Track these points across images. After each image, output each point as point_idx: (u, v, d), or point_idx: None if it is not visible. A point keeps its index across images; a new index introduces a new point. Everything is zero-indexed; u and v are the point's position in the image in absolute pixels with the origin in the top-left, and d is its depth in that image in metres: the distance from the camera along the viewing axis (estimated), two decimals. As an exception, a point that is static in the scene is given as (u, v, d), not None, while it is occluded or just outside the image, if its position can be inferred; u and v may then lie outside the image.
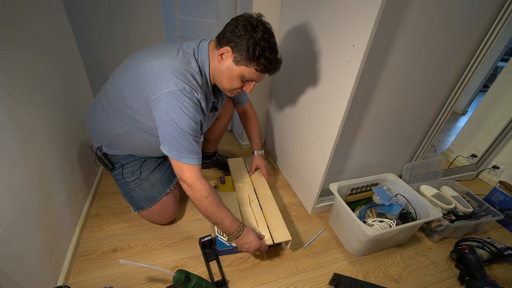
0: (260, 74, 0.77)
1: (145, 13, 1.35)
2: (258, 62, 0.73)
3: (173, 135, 0.73)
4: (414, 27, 0.83)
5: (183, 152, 0.75)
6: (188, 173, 0.78)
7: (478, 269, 0.92)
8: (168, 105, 0.71)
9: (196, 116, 0.75)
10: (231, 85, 0.80)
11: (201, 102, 0.77)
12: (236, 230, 0.84)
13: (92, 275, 0.86)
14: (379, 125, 1.09)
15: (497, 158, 1.51)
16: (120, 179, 0.97)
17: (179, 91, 0.70)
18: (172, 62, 0.73)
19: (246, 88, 0.82)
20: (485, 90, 1.73)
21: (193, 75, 0.74)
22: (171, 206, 1.01)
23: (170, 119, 0.71)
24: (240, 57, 0.73)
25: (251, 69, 0.75)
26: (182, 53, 0.76)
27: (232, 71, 0.76)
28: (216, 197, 0.82)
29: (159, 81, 0.71)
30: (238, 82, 0.79)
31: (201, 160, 0.80)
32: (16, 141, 0.66)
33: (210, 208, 0.80)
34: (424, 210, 1.04)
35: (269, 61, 0.74)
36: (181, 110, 0.71)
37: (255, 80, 0.80)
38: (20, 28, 0.73)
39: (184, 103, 0.71)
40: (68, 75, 1.02)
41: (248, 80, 0.80)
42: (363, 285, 0.86)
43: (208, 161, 1.39)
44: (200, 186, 0.79)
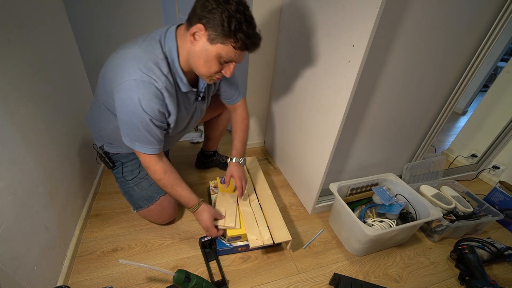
0: (239, 52, 0.69)
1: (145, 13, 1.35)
2: (235, 37, 0.65)
3: (128, 125, 0.73)
4: (414, 27, 0.83)
5: (136, 141, 0.76)
6: (143, 158, 0.81)
7: (478, 269, 0.92)
8: (124, 95, 0.69)
9: (153, 107, 0.71)
10: (209, 69, 0.72)
11: (164, 92, 0.72)
12: (191, 207, 0.90)
13: (92, 275, 0.86)
14: (379, 125, 1.09)
15: (497, 158, 1.51)
16: (120, 177, 0.97)
17: (135, 81, 0.67)
18: (134, 51, 0.70)
19: (225, 71, 0.74)
20: (485, 90, 1.74)
21: (156, 63, 0.70)
22: (170, 206, 1.01)
23: (125, 110, 0.70)
24: (215, 34, 0.65)
25: (229, 46, 0.67)
26: (147, 41, 0.72)
27: (208, 52, 0.68)
28: (171, 179, 0.85)
29: (119, 71, 0.69)
30: (216, 65, 0.71)
31: (160, 149, 0.81)
32: (16, 141, 0.66)
33: (165, 188, 0.87)
34: (424, 210, 1.04)
35: (247, 36, 0.66)
36: (135, 101, 0.68)
37: (234, 60, 0.72)
38: (20, 28, 0.73)
39: (139, 94, 0.68)
40: (68, 75, 1.02)
41: (226, 61, 0.72)
42: (363, 285, 0.86)
43: (208, 160, 1.39)
44: (153, 169, 0.82)
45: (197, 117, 0.96)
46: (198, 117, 0.97)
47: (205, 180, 1.33)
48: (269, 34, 1.25)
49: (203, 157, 1.38)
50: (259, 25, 1.19)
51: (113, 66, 0.71)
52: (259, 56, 1.30)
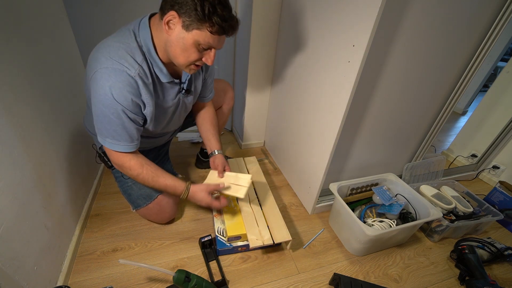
0: (217, 36, 0.66)
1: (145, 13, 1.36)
2: (211, 21, 0.62)
3: (99, 117, 0.70)
4: (414, 27, 0.83)
5: (107, 136, 0.73)
6: (114, 156, 0.76)
7: (478, 269, 0.92)
8: (95, 85, 0.67)
9: (126, 95, 0.68)
10: (187, 58, 0.69)
11: (137, 79, 0.69)
12: (181, 194, 0.87)
13: (92, 275, 0.86)
14: (379, 125, 1.09)
15: (497, 158, 1.51)
16: (119, 176, 0.97)
17: (106, 69, 0.65)
18: (107, 42, 0.69)
19: (206, 59, 0.71)
20: (485, 90, 1.73)
21: (129, 52, 0.68)
22: (169, 205, 1.01)
23: (97, 100, 0.68)
24: (189, 19, 0.63)
25: (205, 31, 0.64)
26: (121, 32, 0.71)
27: (185, 40, 0.66)
28: (149, 170, 0.81)
29: (93, 62, 0.68)
30: (195, 53, 0.68)
31: (134, 147, 0.78)
32: (16, 141, 0.66)
33: (147, 183, 0.83)
34: (424, 210, 1.04)
35: (223, 19, 0.63)
36: (106, 90, 0.66)
37: (214, 46, 0.68)
38: (20, 29, 0.73)
39: (110, 82, 0.65)
40: (68, 75, 1.02)
41: (205, 48, 0.68)
42: (363, 285, 0.86)
43: (207, 159, 1.39)
44: (128, 166, 0.78)
45: (181, 111, 0.93)
46: (183, 112, 0.95)
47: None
48: (269, 34, 1.25)
49: (202, 156, 1.38)
50: (259, 25, 1.20)
51: (90, 60, 0.70)
52: (259, 56, 1.30)
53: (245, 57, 1.32)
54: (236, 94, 1.58)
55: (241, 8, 1.27)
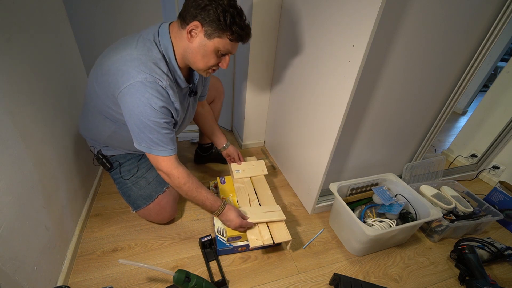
0: (235, 43, 0.74)
1: (145, 13, 1.35)
2: (231, 30, 0.69)
3: (140, 129, 0.72)
4: (414, 27, 0.83)
5: (152, 145, 0.75)
6: (164, 164, 0.79)
7: (478, 269, 0.92)
8: (131, 99, 0.69)
9: (162, 106, 0.72)
10: (207, 63, 0.75)
11: (168, 89, 0.73)
12: (217, 209, 0.89)
13: (92, 275, 0.86)
14: (379, 125, 1.09)
15: (497, 158, 1.51)
16: (118, 178, 0.97)
17: (140, 82, 0.68)
18: (131, 53, 0.70)
19: (222, 63, 0.78)
20: (485, 90, 1.73)
21: (155, 63, 0.71)
22: (169, 205, 1.01)
23: (134, 113, 0.70)
24: (211, 29, 0.69)
25: (225, 39, 0.71)
26: (142, 42, 0.72)
27: (206, 47, 0.71)
28: (194, 181, 0.85)
29: (121, 75, 0.69)
30: (214, 58, 0.75)
31: (176, 149, 0.81)
32: (16, 141, 0.66)
33: (190, 193, 0.84)
34: (424, 210, 1.04)
35: (241, 28, 0.70)
36: (144, 102, 0.69)
37: (231, 52, 0.76)
38: (20, 28, 0.73)
39: (147, 95, 0.69)
40: (68, 75, 1.02)
41: (223, 54, 0.76)
42: (363, 285, 0.86)
43: (206, 154, 1.39)
44: (177, 174, 0.80)
45: (191, 112, 0.97)
46: (192, 113, 0.99)
47: (205, 180, 1.33)
48: (269, 34, 1.25)
49: (201, 151, 1.39)
50: (259, 25, 1.20)
51: (113, 71, 0.70)
52: (259, 56, 1.30)
53: (245, 57, 1.32)
54: (236, 94, 1.58)
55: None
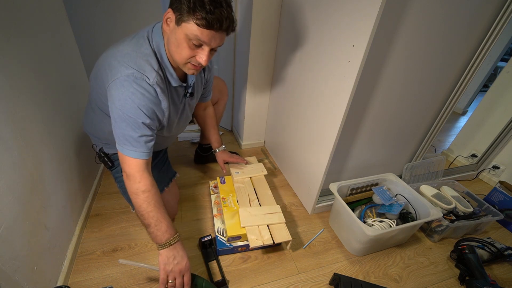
0: (206, 31, 0.64)
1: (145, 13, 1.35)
2: (196, 14, 0.62)
3: (117, 122, 0.70)
4: (414, 27, 0.83)
5: (124, 143, 0.71)
6: (128, 163, 0.72)
7: (478, 269, 0.92)
8: (115, 92, 0.68)
9: (146, 103, 0.70)
10: (180, 54, 0.69)
11: (156, 87, 0.71)
12: (172, 237, 0.74)
13: (92, 275, 0.86)
14: (379, 125, 1.09)
15: (497, 158, 1.51)
16: (119, 176, 0.97)
17: (126, 77, 0.67)
18: (123, 49, 0.70)
19: (199, 57, 0.69)
20: (485, 90, 1.73)
21: (145, 59, 0.70)
22: (169, 205, 1.01)
23: (115, 106, 0.68)
24: (179, 14, 0.64)
25: (191, 24, 0.64)
26: (136, 38, 0.72)
27: (177, 35, 0.67)
28: (156, 194, 0.74)
29: (110, 70, 0.69)
30: (186, 48, 0.68)
31: (149, 154, 0.74)
32: (16, 141, 0.66)
33: (146, 205, 0.72)
34: (424, 210, 1.04)
35: (208, 11, 0.62)
36: (126, 96, 0.67)
37: (204, 42, 0.66)
38: (20, 28, 0.73)
39: (131, 89, 0.67)
40: (68, 75, 1.02)
41: (197, 45, 0.68)
42: (363, 285, 0.86)
43: (206, 154, 1.39)
44: (139, 178, 0.72)
45: (187, 114, 0.95)
46: (188, 114, 0.96)
47: (205, 180, 1.33)
48: (269, 34, 1.25)
49: (201, 151, 1.39)
50: (259, 25, 1.20)
51: (105, 66, 0.71)
52: (259, 56, 1.30)
53: (245, 57, 1.32)
54: (236, 94, 1.58)
55: (241, 9, 1.27)
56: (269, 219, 0.99)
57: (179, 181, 1.28)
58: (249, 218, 0.98)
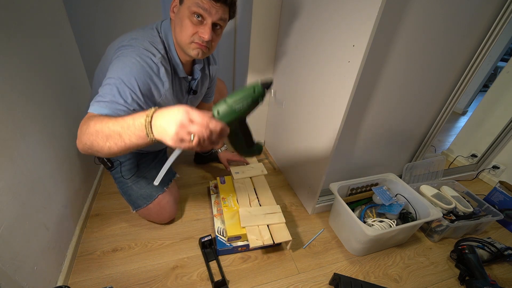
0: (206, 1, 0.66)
1: (145, 13, 1.35)
2: None
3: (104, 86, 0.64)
4: (414, 27, 0.83)
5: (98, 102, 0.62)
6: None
7: (478, 269, 0.92)
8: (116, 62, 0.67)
9: (143, 76, 0.68)
10: (185, 32, 0.70)
11: (160, 66, 0.72)
12: (146, 114, 0.52)
13: (92, 275, 0.86)
14: (379, 125, 1.09)
15: (497, 158, 1.51)
16: (119, 177, 0.97)
17: (131, 51, 0.68)
18: (131, 34, 0.73)
19: (202, 32, 0.70)
20: (485, 90, 1.73)
21: (152, 42, 0.72)
22: (169, 205, 1.01)
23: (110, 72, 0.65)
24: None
25: None
26: (144, 29, 0.75)
27: (181, 14, 0.69)
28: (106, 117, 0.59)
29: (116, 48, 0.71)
30: (188, 25, 0.69)
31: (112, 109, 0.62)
32: (16, 141, 0.66)
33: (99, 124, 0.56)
34: (424, 210, 1.04)
35: None
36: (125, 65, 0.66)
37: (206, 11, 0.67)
38: (20, 28, 0.73)
39: (132, 60, 0.67)
40: (68, 75, 1.02)
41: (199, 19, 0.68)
42: (363, 285, 0.86)
43: (207, 154, 1.39)
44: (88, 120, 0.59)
45: None
46: None
47: (205, 180, 1.33)
48: (269, 34, 1.25)
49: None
50: (259, 25, 1.20)
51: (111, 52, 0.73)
52: (259, 56, 1.30)
53: (245, 57, 1.32)
54: (236, 94, 1.58)
55: (240, 7, 1.27)
56: (269, 219, 0.99)
57: (179, 181, 1.28)
58: (249, 218, 0.98)
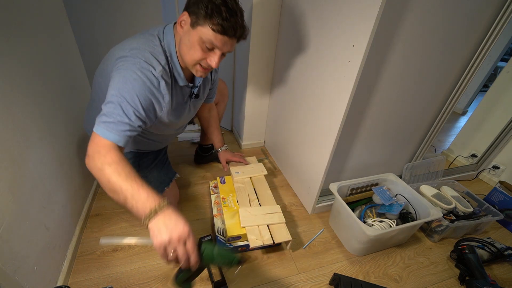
0: (220, 36, 0.67)
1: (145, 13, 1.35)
2: (212, 20, 0.65)
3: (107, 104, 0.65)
4: (414, 27, 0.83)
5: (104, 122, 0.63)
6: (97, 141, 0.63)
7: (478, 269, 0.92)
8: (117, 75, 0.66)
9: (145, 93, 0.68)
10: (192, 56, 0.71)
11: (160, 80, 0.71)
12: (156, 203, 0.56)
13: (92, 275, 0.86)
14: (379, 125, 1.09)
15: (497, 158, 1.51)
16: None
17: (133, 64, 0.67)
18: (132, 43, 0.71)
19: (210, 60, 0.72)
20: (485, 90, 1.73)
21: (153, 54, 0.70)
22: None
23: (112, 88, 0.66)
24: (195, 18, 0.67)
25: (207, 28, 0.66)
26: (145, 36, 0.73)
27: (190, 37, 0.69)
28: (127, 166, 0.61)
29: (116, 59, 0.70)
30: (198, 51, 0.70)
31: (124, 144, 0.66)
32: (16, 141, 0.66)
33: (115, 177, 0.58)
34: (424, 210, 1.04)
35: (225, 18, 0.65)
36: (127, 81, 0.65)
37: (217, 46, 0.69)
38: (20, 28, 0.73)
39: (134, 76, 0.66)
40: (68, 75, 1.02)
41: (210, 48, 0.70)
42: (363, 285, 0.86)
43: (207, 154, 1.39)
44: (105, 153, 0.62)
45: (191, 114, 0.96)
46: (192, 114, 0.97)
47: (205, 180, 1.33)
48: (269, 34, 1.25)
49: (202, 151, 1.40)
50: (259, 25, 1.20)
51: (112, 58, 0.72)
52: (259, 56, 1.30)
53: (245, 57, 1.32)
54: (236, 94, 1.58)
55: (241, 8, 1.27)
56: (269, 219, 0.99)
57: (179, 181, 1.28)
58: (249, 218, 0.98)
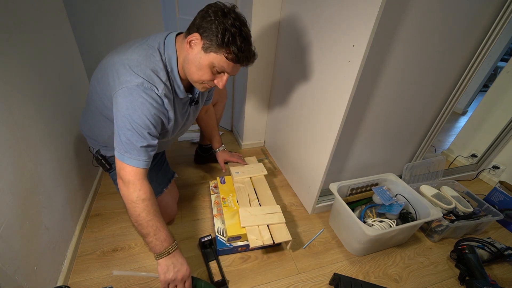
0: (232, 64, 0.70)
1: (145, 13, 1.35)
2: (228, 49, 0.67)
3: (123, 131, 0.69)
4: (414, 27, 0.83)
5: (127, 152, 0.70)
6: (128, 170, 0.71)
7: (478, 269, 0.92)
8: (123, 100, 0.68)
9: (153, 113, 0.71)
10: (200, 77, 0.73)
11: (164, 98, 0.73)
12: (171, 245, 0.74)
13: (92, 275, 0.86)
14: (379, 125, 1.09)
15: (497, 158, 1.51)
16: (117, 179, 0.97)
17: (136, 86, 0.67)
18: (132, 57, 0.70)
19: (218, 81, 0.75)
20: (485, 90, 1.73)
21: (154, 70, 0.71)
22: (168, 206, 1.01)
23: (122, 114, 0.68)
24: (209, 43, 0.68)
25: (221, 56, 0.69)
26: (145, 48, 0.72)
27: (201, 60, 0.70)
28: (155, 203, 0.74)
29: (118, 77, 0.69)
30: (208, 73, 0.72)
31: (149, 164, 0.74)
32: (16, 141, 0.66)
33: (145, 214, 0.71)
34: (424, 210, 1.04)
35: (240, 49, 0.68)
36: (135, 106, 0.67)
37: (227, 71, 0.73)
38: (20, 28, 0.73)
39: (140, 99, 0.68)
40: (68, 75, 1.02)
41: (219, 72, 0.73)
42: (363, 285, 0.86)
43: (207, 154, 1.40)
44: (140, 186, 0.71)
45: (191, 120, 0.97)
46: (192, 120, 0.98)
47: (205, 180, 1.33)
48: (269, 34, 1.25)
49: (202, 151, 1.40)
50: (259, 25, 1.20)
51: (112, 72, 0.71)
52: (260, 57, 1.29)
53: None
54: (236, 94, 1.58)
55: (241, 7, 1.27)
56: (269, 219, 0.99)
57: (179, 181, 1.28)
58: (249, 218, 0.98)
